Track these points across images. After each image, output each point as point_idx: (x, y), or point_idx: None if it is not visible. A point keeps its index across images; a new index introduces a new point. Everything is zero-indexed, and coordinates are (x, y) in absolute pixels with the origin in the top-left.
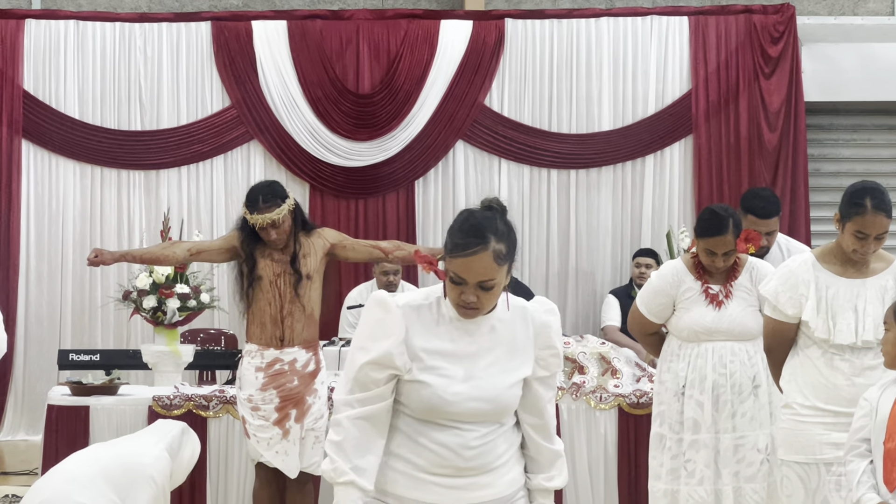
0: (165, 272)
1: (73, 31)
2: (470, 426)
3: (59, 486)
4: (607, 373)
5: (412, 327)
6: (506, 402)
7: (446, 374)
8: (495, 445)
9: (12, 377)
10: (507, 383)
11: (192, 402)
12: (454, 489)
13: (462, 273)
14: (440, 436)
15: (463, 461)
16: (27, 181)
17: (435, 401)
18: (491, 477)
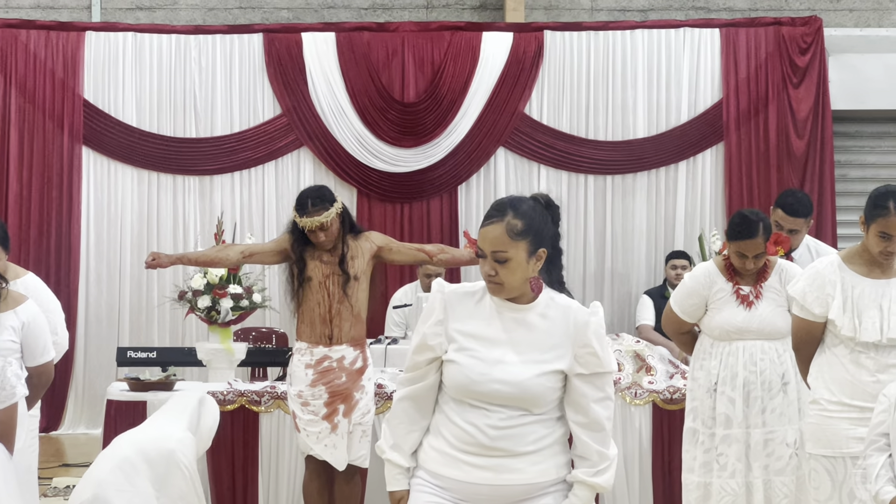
0: (219, 273)
1: (131, 43)
2: (497, 408)
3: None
4: (642, 370)
5: (453, 311)
6: (531, 390)
7: (477, 356)
8: (526, 432)
9: (73, 374)
10: (534, 372)
11: (245, 397)
12: (480, 469)
13: (480, 243)
14: (470, 415)
15: (488, 440)
16: (87, 186)
17: (462, 379)
18: (520, 462)
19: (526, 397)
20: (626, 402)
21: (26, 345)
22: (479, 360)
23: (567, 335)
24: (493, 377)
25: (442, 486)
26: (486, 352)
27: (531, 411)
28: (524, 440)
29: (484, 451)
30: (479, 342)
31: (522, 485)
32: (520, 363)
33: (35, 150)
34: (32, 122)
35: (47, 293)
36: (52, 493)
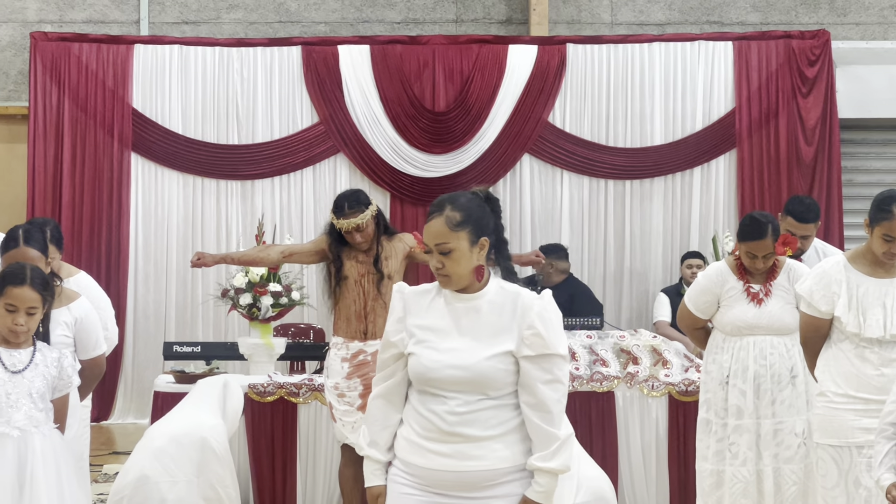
0: (260, 272)
1: (177, 56)
2: (454, 394)
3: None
4: (658, 363)
5: (411, 309)
6: (482, 372)
7: (432, 346)
8: (485, 417)
9: (123, 367)
10: (484, 355)
11: (284, 389)
12: (442, 455)
13: (425, 239)
14: (430, 403)
15: (447, 426)
16: (136, 190)
17: (420, 369)
18: (480, 449)
19: (478, 380)
20: (644, 394)
21: (79, 339)
22: (434, 350)
23: (514, 318)
24: (446, 363)
25: (412, 474)
26: (440, 341)
27: (488, 395)
28: (483, 425)
29: (444, 437)
30: (434, 333)
31: (484, 471)
32: (470, 348)
33: (87, 156)
34: (84, 129)
35: (98, 291)
36: (102, 479)
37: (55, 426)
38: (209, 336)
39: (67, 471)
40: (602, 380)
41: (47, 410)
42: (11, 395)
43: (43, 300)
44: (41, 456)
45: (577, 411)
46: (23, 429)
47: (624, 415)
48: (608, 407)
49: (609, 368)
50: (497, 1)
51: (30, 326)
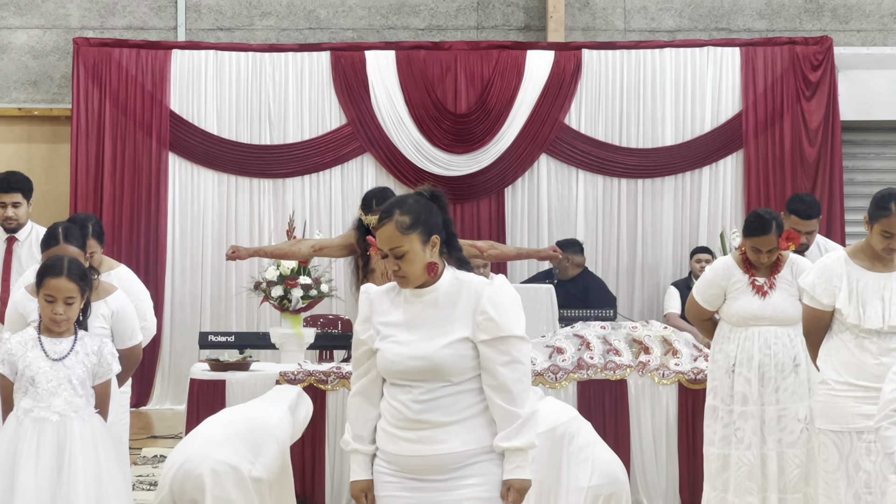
0: (290, 266)
1: (212, 60)
2: (417, 383)
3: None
4: (669, 353)
5: (376, 308)
6: (441, 360)
7: (394, 340)
8: (448, 403)
9: (160, 355)
10: (441, 343)
11: (313, 377)
12: (411, 442)
13: (379, 244)
14: (398, 393)
15: (412, 413)
16: (173, 188)
17: (385, 363)
18: (445, 433)
19: (437, 368)
20: (655, 382)
21: (116, 330)
22: (396, 343)
23: (468, 306)
24: (407, 355)
25: (389, 462)
26: (401, 335)
27: (451, 381)
28: (447, 411)
29: (411, 424)
30: (396, 328)
31: (448, 454)
32: (428, 338)
33: (127, 155)
34: (124, 130)
35: (138, 283)
36: (141, 462)
37: (96, 411)
38: (242, 326)
39: (106, 454)
40: (615, 368)
41: (88, 396)
42: (52, 382)
43: (80, 290)
44: (80, 440)
45: (592, 398)
46: (62, 414)
47: (636, 402)
48: (621, 394)
49: (622, 358)
50: (516, 9)
51: (69, 316)
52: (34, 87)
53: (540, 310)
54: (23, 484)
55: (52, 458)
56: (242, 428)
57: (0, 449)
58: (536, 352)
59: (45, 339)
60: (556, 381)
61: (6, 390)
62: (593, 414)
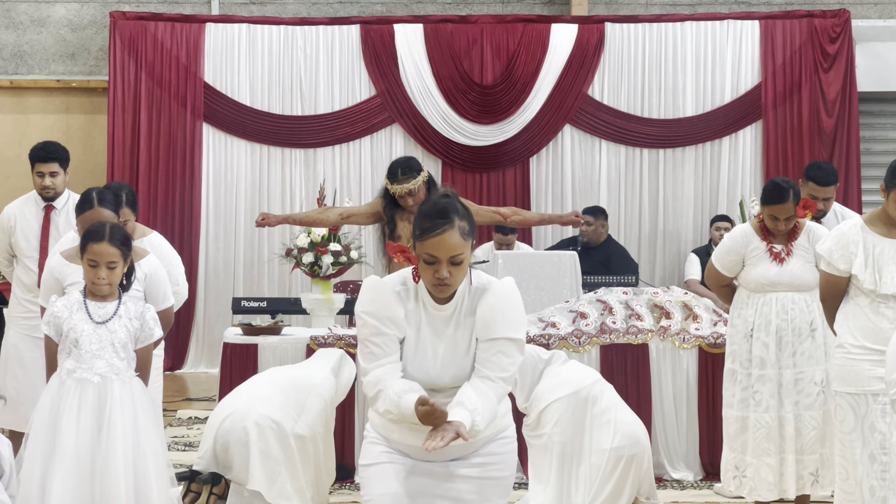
0: (321, 233)
1: (245, 33)
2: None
3: (245, 400)
4: (689, 318)
5: (397, 311)
6: (468, 373)
7: (424, 353)
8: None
9: (195, 320)
10: (469, 356)
11: (343, 341)
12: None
13: (436, 251)
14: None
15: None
16: (207, 158)
17: (416, 375)
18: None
19: (466, 377)
20: (676, 346)
21: (149, 293)
22: (426, 357)
23: (473, 310)
24: (437, 373)
25: (397, 450)
26: (429, 348)
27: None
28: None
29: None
30: (422, 339)
31: (471, 441)
32: (456, 353)
33: (162, 126)
34: (160, 102)
35: (170, 249)
36: (176, 424)
37: (136, 374)
38: (274, 292)
39: (145, 415)
40: (637, 333)
41: (129, 360)
42: (95, 345)
43: (123, 255)
44: (119, 401)
45: (614, 362)
46: (104, 375)
47: (657, 365)
48: (643, 358)
49: (643, 322)
50: None
51: (111, 280)
52: (72, 59)
53: (564, 276)
54: (64, 442)
55: (92, 418)
56: (287, 386)
57: (43, 408)
58: (560, 316)
59: (90, 302)
60: (580, 346)
61: (51, 350)
62: (615, 377)
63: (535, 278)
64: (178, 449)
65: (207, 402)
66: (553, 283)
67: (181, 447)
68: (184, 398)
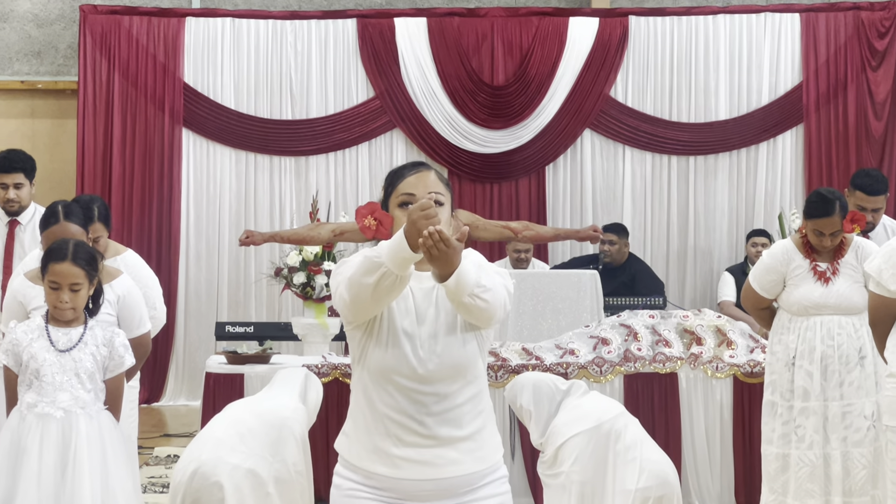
0: (314, 251)
1: (229, 28)
2: (430, 387)
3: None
4: (723, 344)
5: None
6: (458, 354)
7: (406, 334)
8: (460, 413)
9: (174, 348)
10: (454, 335)
11: (338, 370)
12: (417, 464)
13: (413, 189)
14: (403, 403)
15: (424, 428)
16: (187, 167)
17: (394, 361)
18: (457, 452)
19: (456, 364)
20: (708, 376)
21: (122, 317)
22: (407, 338)
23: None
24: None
25: (378, 487)
26: (411, 328)
27: (465, 378)
28: (460, 423)
29: (420, 441)
30: (402, 319)
31: (463, 476)
32: (438, 332)
33: (137, 132)
34: (135, 105)
35: (146, 269)
36: (153, 462)
37: (105, 408)
38: (262, 316)
39: (115, 453)
40: (665, 361)
41: (97, 391)
42: (59, 375)
43: (88, 275)
44: (86, 438)
45: (640, 393)
46: (68, 410)
47: (687, 397)
48: (671, 389)
49: (672, 349)
50: None
51: (75, 304)
52: (38, 58)
53: (584, 297)
54: (25, 484)
55: (56, 457)
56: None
57: (2, 446)
58: (580, 342)
59: (53, 328)
60: (602, 375)
61: (10, 383)
62: (641, 410)
63: (551, 300)
64: (154, 491)
65: (188, 439)
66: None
67: (158, 488)
68: (161, 434)
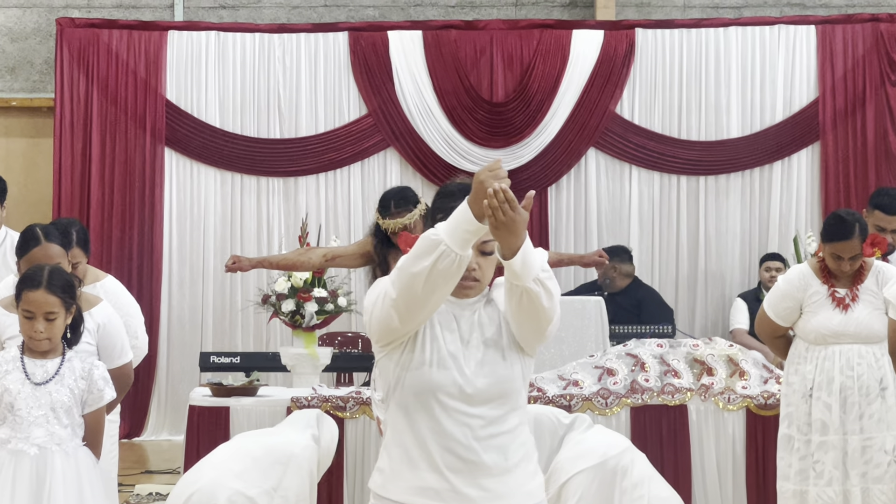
0: (304, 277)
1: (214, 43)
2: (477, 409)
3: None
4: (735, 374)
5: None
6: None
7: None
8: (507, 440)
9: (156, 379)
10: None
11: (330, 403)
12: (462, 498)
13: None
14: (448, 424)
15: (472, 454)
16: (170, 188)
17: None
18: (503, 485)
19: (502, 383)
20: (720, 408)
21: (102, 347)
22: (453, 358)
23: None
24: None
25: None
26: (458, 350)
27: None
28: (507, 451)
29: (466, 467)
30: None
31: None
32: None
33: (117, 151)
34: (115, 123)
35: (127, 297)
36: (134, 500)
37: (83, 444)
38: (249, 346)
39: (93, 492)
40: (674, 392)
41: (74, 427)
42: (34, 410)
43: (64, 304)
44: (61, 476)
45: (647, 427)
46: (42, 446)
47: (698, 430)
48: (681, 422)
49: (681, 380)
50: None
51: (51, 334)
52: (12, 74)
53: (588, 325)
54: None
55: (29, 497)
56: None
57: None
58: (584, 373)
59: (28, 360)
60: (607, 407)
61: None
62: (649, 445)
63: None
64: None
65: (171, 476)
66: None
67: None
68: (143, 470)
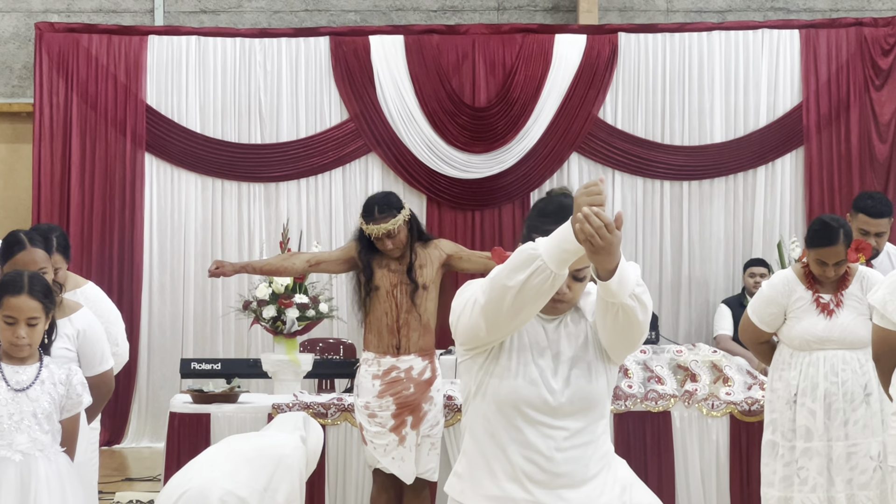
0: (285, 283)
1: (194, 47)
2: (561, 421)
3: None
4: (719, 381)
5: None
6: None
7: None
8: (589, 452)
9: (136, 386)
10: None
11: (311, 409)
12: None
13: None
14: (530, 434)
15: (553, 465)
16: (150, 194)
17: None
18: (582, 496)
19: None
20: (703, 414)
21: (83, 353)
22: (538, 368)
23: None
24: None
25: None
26: (544, 362)
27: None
28: (587, 462)
29: (548, 479)
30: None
31: None
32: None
33: (97, 156)
34: (94, 128)
35: (107, 303)
36: None
37: (62, 450)
38: (230, 352)
39: (75, 498)
40: (657, 398)
41: (54, 432)
42: (14, 416)
43: (45, 309)
44: (46, 482)
45: (631, 433)
46: (26, 452)
47: (681, 437)
48: (664, 428)
49: (665, 386)
50: None
51: (32, 339)
52: None
53: None
54: None
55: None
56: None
57: None
58: None
59: (6, 366)
60: None
61: None
62: (632, 451)
63: None
64: None
65: (151, 483)
66: None
67: None
68: (123, 478)
